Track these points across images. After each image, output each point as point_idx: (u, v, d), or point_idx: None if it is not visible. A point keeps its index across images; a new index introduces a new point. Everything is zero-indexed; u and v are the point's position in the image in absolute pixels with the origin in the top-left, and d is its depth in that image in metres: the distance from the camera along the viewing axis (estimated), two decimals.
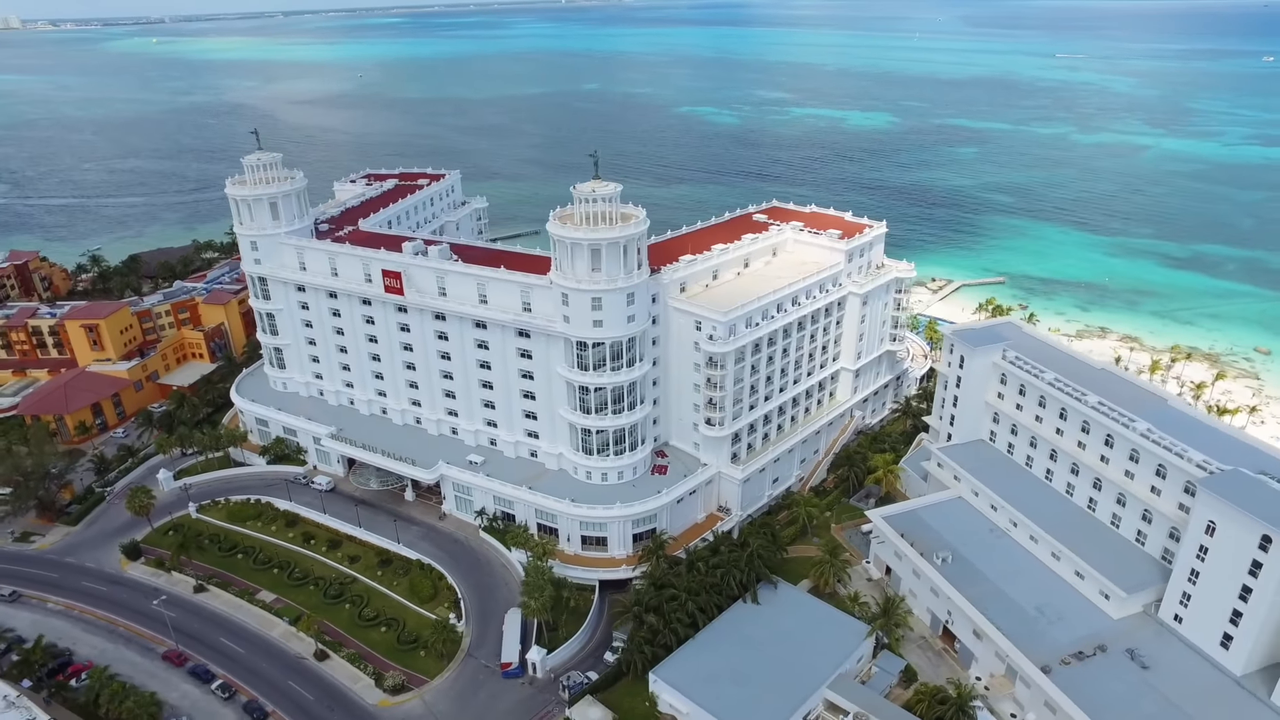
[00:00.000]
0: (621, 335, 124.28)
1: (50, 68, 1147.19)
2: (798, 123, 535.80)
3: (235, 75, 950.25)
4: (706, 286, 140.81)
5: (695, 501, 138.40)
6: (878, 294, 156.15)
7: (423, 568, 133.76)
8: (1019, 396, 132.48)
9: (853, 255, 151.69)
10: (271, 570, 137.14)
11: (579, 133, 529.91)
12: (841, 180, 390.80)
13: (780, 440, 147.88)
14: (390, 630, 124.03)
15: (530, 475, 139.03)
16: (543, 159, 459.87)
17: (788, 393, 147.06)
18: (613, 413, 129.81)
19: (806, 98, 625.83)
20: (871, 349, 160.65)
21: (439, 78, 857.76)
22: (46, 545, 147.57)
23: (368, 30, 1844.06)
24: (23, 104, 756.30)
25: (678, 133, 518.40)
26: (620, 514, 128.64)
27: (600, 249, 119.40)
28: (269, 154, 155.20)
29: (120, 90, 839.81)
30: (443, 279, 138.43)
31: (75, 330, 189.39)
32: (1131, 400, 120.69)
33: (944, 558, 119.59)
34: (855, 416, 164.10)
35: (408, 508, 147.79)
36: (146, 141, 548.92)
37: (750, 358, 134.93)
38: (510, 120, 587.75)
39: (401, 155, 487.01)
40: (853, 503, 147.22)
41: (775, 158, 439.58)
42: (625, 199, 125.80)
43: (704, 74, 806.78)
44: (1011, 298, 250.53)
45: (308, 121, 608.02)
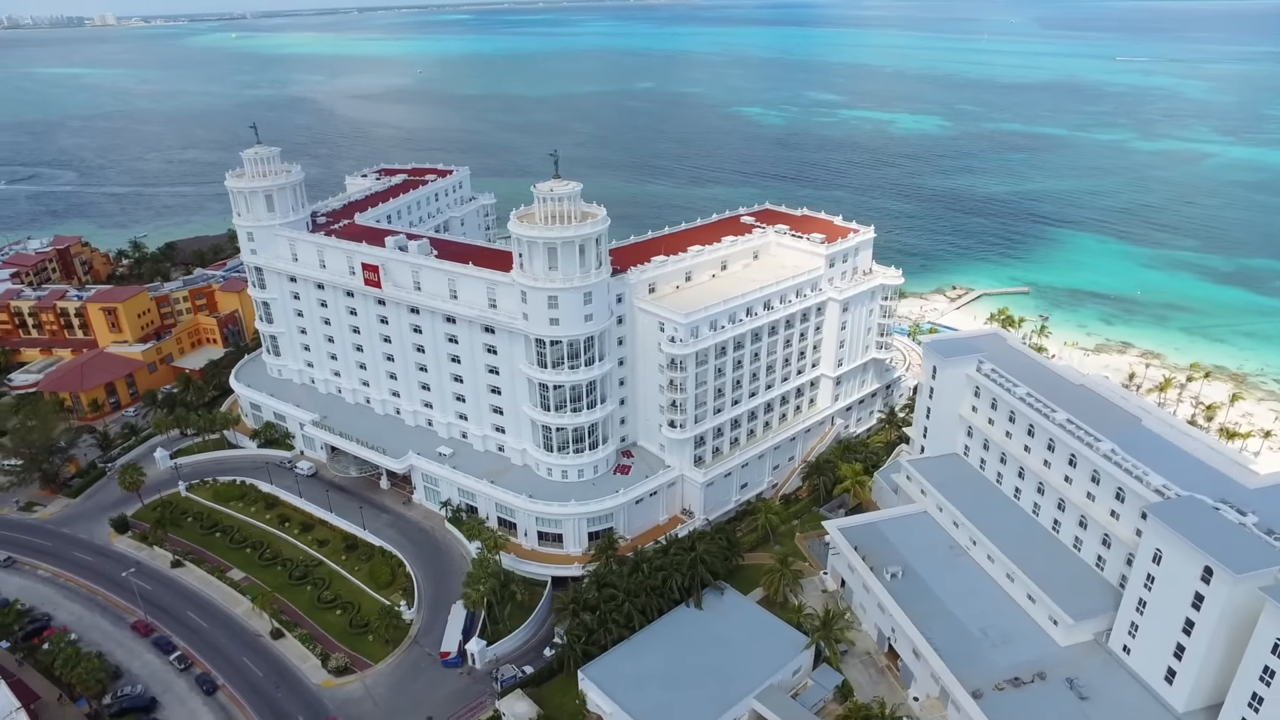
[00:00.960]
0: (578, 334, 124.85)
1: (134, 62, 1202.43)
2: (843, 125, 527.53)
3: (302, 69, 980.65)
4: (678, 288, 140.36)
5: (657, 503, 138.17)
6: (861, 300, 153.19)
7: (385, 554, 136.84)
8: (991, 410, 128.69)
9: (834, 260, 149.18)
10: (245, 550, 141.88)
11: (625, 131, 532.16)
12: (877, 185, 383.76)
13: (750, 445, 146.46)
14: (345, 614, 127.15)
15: (495, 469, 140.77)
16: (585, 157, 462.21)
17: (759, 398, 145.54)
18: (572, 411, 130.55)
19: (857, 100, 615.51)
20: (854, 356, 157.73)
21: (496, 74, 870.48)
22: (46, 515, 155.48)
23: (436, 26, 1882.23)
24: (104, 96, 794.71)
25: (721, 133, 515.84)
26: (574, 511, 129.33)
27: (555, 247, 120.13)
28: (266, 148, 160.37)
29: (193, 84, 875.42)
30: (417, 273, 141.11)
31: (95, 313, 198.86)
32: (1103, 419, 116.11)
33: (894, 573, 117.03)
34: (837, 424, 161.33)
35: (381, 495, 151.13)
36: (208, 133, 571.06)
37: (714, 360, 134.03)
38: (559, 118, 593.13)
39: (444, 150, 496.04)
40: (823, 512, 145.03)
41: (813, 160, 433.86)
42: (656, 199, 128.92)
43: (758, 74, 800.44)
44: (1034, 308, 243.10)
45: (361, 116, 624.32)
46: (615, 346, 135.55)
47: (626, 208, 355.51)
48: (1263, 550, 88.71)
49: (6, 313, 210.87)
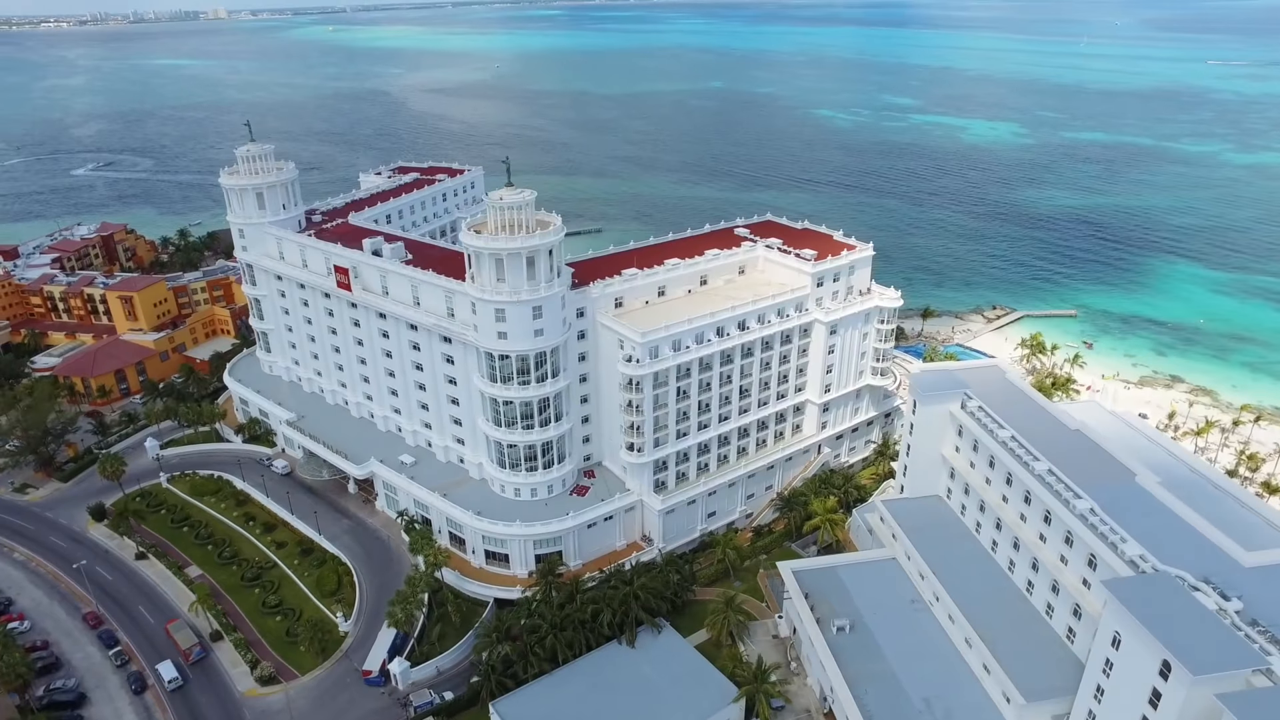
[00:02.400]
0: (528, 349, 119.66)
1: (231, 53, 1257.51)
2: (912, 131, 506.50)
3: (384, 63, 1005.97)
4: (647, 303, 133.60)
5: (613, 528, 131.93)
6: (852, 323, 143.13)
7: (336, 561, 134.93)
8: (972, 453, 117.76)
9: (823, 279, 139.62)
10: (207, 546, 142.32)
11: (683, 131, 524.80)
12: (934, 194, 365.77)
13: (721, 472, 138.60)
14: (285, 620, 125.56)
15: (452, 482, 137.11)
16: (636, 157, 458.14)
17: (731, 422, 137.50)
18: (523, 428, 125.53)
19: (932, 104, 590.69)
20: (845, 382, 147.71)
21: (571, 71, 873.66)
22: (36, 498, 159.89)
23: (525, 22, 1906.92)
24: (197, 86, 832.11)
25: (782, 136, 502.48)
26: (520, 533, 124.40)
27: (502, 259, 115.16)
28: (259, 146, 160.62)
29: (280, 75, 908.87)
30: (385, 278, 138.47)
31: (114, 301, 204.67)
32: (1092, 472, 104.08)
33: (842, 626, 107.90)
34: (824, 453, 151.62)
35: (347, 500, 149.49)
36: (282, 124, 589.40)
37: (677, 382, 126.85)
38: (621, 115, 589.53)
39: (501, 146, 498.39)
40: (794, 548, 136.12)
41: (872, 168, 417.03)
42: (698, 202, 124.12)
43: (834, 75, 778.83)
44: (1078, 333, 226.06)
45: (429, 109, 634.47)
46: (576, 362, 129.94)
47: (665, 211, 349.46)
48: (1234, 647, 76.57)
49: (40, 296, 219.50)
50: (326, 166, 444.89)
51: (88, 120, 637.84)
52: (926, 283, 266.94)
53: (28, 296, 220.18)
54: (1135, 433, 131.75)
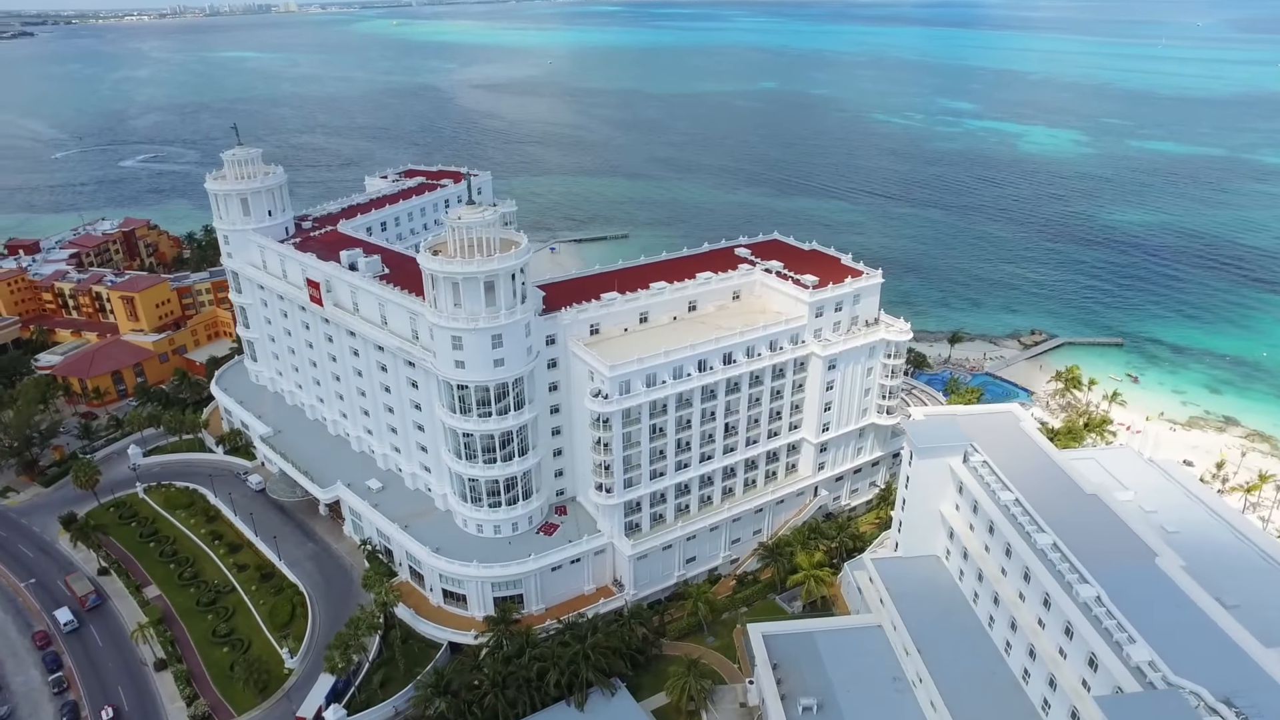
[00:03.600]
0: (487, 380, 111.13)
1: (293, 46, 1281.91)
2: (966, 137, 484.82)
3: (440, 57, 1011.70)
4: (626, 330, 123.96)
5: (581, 571, 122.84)
6: (854, 357, 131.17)
7: (293, 590, 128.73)
8: (972, 514, 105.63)
9: (823, 308, 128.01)
10: (170, 565, 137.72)
11: (728, 133, 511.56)
12: (978, 206, 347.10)
13: (702, 515, 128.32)
14: (232, 651, 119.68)
15: (417, 512, 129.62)
16: (675, 159, 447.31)
17: (715, 462, 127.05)
18: (485, 462, 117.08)
19: (990, 109, 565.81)
20: (846, 420, 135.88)
21: (622, 69, 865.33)
22: (15, 503, 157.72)
23: (585, 18, 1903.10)
24: (255, 79, 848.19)
25: (830, 140, 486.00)
26: (476, 574, 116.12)
27: (457, 283, 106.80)
28: (246, 150, 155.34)
29: (336, 68, 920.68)
30: (355, 294, 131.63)
31: (116, 300, 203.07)
32: (1106, 549, 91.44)
33: (809, 705, 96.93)
34: (821, 495, 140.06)
35: (316, 522, 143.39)
36: (330, 118, 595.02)
37: (651, 419, 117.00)
38: (665, 116, 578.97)
39: (541, 144, 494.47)
40: (779, 602, 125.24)
41: (919, 176, 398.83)
42: (732, 209, 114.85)
43: (891, 77, 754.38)
44: (1122, 364, 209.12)
45: (475, 106, 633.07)
46: (546, 392, 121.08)
47: (697, 217, 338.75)
48: None
49: (51, 293, 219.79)
50: (364, 162, 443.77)
51: (147, 112, 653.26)
52: (962, 302, 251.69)
53: (40, 293, 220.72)
54: (1173, 485, 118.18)
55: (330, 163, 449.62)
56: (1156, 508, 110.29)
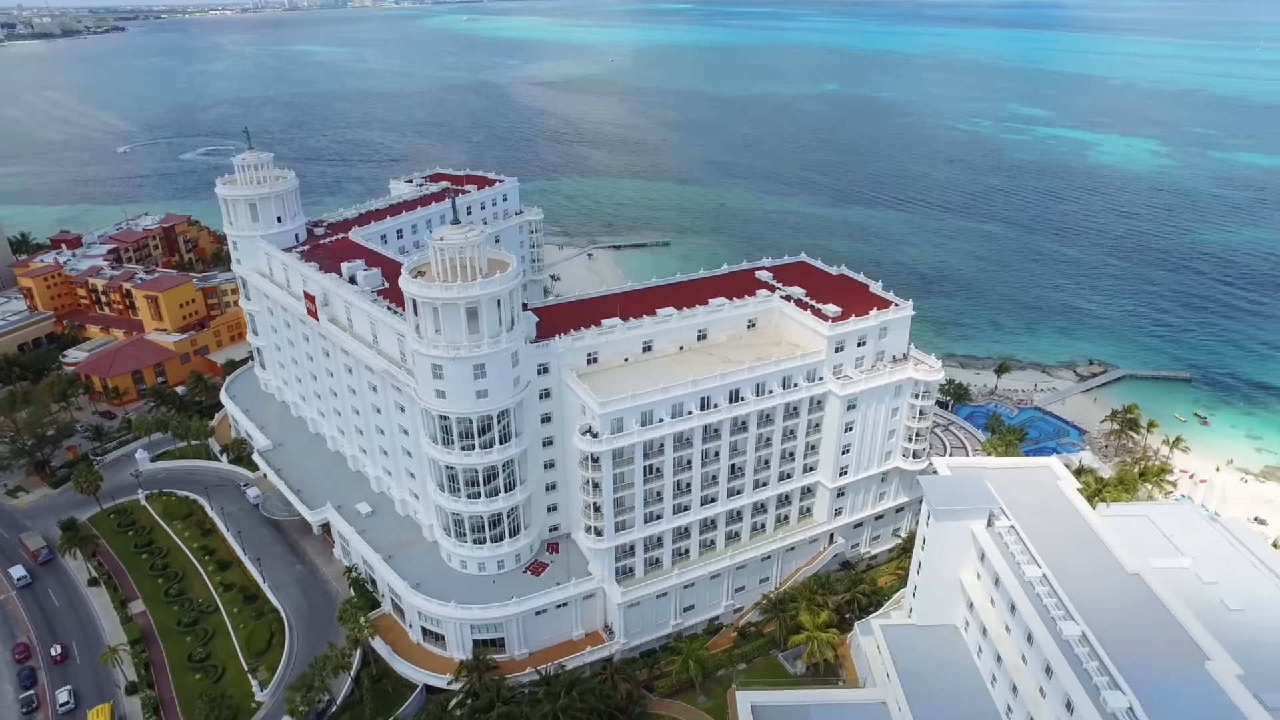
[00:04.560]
0: (469, 412, 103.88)
1: (364, 40, 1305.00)
2: (1035, 146, 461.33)
3: (504, 54, 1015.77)
4: (627, 361, 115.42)
5: (568, 616, 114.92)
6: (876, 397, 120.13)
7: (275, 615, 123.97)
8: (993, 588, 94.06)
9: (844, 343, 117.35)
10: (158, 579, 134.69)
11: (784, 138, 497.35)
12: (1039, 220, 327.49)
13: (703, 561, 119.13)
14: (205, 679, 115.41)
15: (401, 542, 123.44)
16: (728, 163, 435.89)
17: (718, 506, 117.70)
18: (468, 497, 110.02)
19: (1063, 116, 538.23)
20: (867, 464, 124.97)
21: (684, 68, 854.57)
22: (23, 503, 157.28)
23: (652, 16, 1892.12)
24: (320, 72, 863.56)
25: (890, 146, 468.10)
26: (454, 615, 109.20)
27: (436, 308, 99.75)
28: (257, 154, 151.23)
29: (401, 63, 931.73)
30: (349, 309, 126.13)
31: (141, 299, 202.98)
32: (1146, 646, 79.70)
33: None
34: (837, 543, 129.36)
35: (308, 542, 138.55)
36: (387, 113, 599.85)
37: (647, 460, 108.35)
38: (723, 118, 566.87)
39: (593, 144, 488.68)
40: (781, 660, 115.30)
41: (980, 186, 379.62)
42: (788, 216, 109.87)
43: (960, 81, 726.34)
44: (1189, 403, 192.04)
45: (532, 104, 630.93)
46: (538, 424, 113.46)
47: (743, 225, 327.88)
48: None
49: (85, 288, 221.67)
50: (413, 159, 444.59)
51: (214, 105, 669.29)
52: (1016, 325, 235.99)
53: (75, 288, 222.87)
54: (1240, 550, 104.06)
55: (380, 158, 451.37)
56: (1218, 578, 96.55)
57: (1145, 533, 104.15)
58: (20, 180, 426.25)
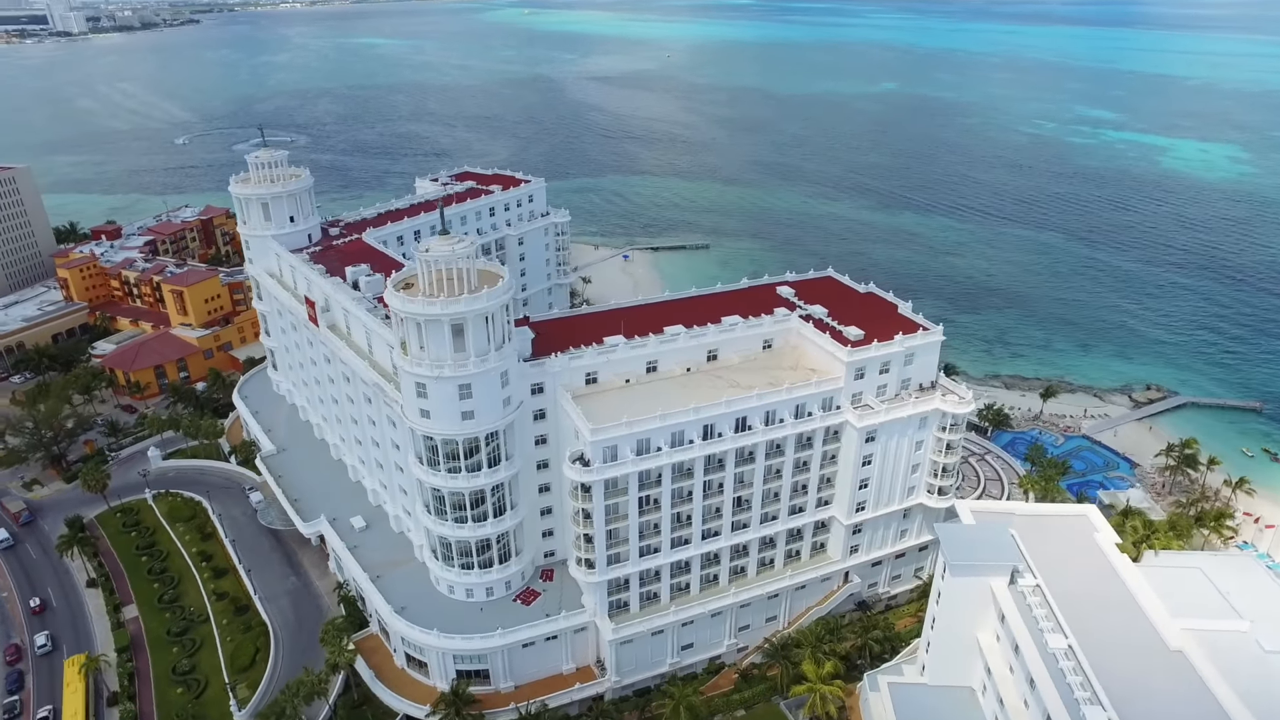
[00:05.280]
0: (454, 433, 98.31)
1: (424, 33, 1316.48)
2: (1101, 151, 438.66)
3: (561, 48, 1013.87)
4: (629, 382, 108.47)
5: (559, 649, 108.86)
6: (899, 429, 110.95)
7: (263, 629, 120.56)
8: (1013, 654, 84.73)
9: (865, 369, 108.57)
10: (155, 584, 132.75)
11: (838, 138, 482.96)
12: (1101, 232, 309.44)
13: (705, 597, 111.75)
14: (186, 694, 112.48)
15: (393, 560, 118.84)
16: (777, 164, 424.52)
17: (722, 540, 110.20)
18: (454, 521, 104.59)
19: (1134, 119, 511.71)
20: (886, 500, 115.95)
21: (741, 64, 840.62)
22: (38, 496, 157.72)
23: (714, 10, 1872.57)
24: (378, 65, 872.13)
25: (946, 148, 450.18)
26: (435, 644, 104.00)
27: (420, 324, 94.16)
28: (270, 152, 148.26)
29: (458, 56, 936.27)
30: (347, 316, 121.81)
31: (167, 293, 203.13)
32: None
33: None
34: (853, 581, 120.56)
35: (305, 552, 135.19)
36: (439, 106, 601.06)
37: (642, 491, 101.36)
38: (776, 116, 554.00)
39: (641, 141, 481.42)
40: (782, 708, 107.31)
41: (1042, 194, 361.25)
42: (833, 221, 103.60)
43: (1026, 81, 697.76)
44: (1258, 437, 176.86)
45: (584, 99, 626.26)
46: (532, 446, 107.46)
47: (787, 229, 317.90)
48: None
49: (119, 280, 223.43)
50: (458, 154, 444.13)
51: (273, 96, 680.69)
52: (1068, 344, 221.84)
53: (109, 279, 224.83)
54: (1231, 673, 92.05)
55: (426, 152, 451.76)
56: None
57: (1198, 588, 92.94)
58: (81, 169, 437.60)
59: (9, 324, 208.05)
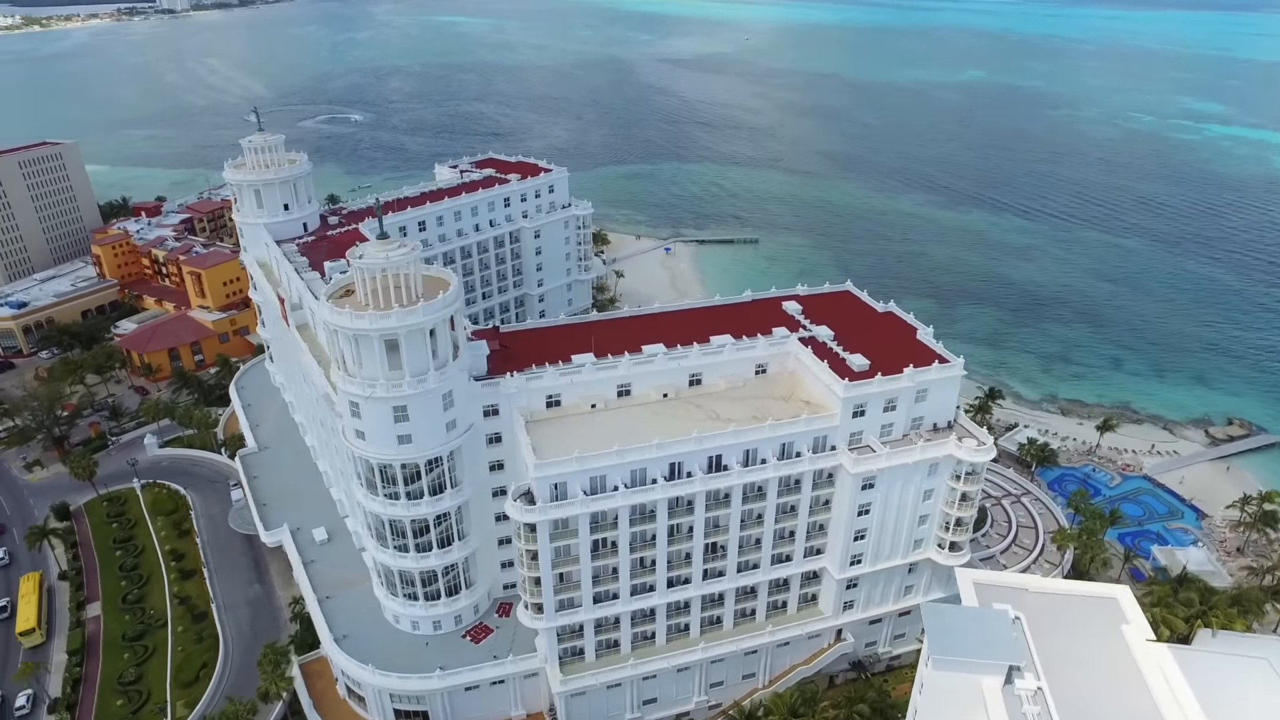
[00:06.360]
0: (390, 458, 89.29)
1: (506, 12, 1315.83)
2: (1203, 147, 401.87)
3: (641, 28, 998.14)
4: (595, 407, 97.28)
5: (507, 694, 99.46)
6: (903, 476, 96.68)
7: (214, 640, 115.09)
8: None
9: (865, 406, 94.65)
10: (123, 581, 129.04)
11: (912, 129, 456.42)
12: (1194, 239, 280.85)
13: (670, 650, 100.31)
14: (126, 705, 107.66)
15: (347, 580, 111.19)
16: (844, 154, 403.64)
17: (692, 589, 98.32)
18: (395, 549, 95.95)
19: (1244, 111, 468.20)
20: (888, 553, 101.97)
21: (821, 49, 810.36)
22: (35, 479, 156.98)
23: None
24: (456, 43, 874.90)
25: (1030, 143, 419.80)
26: (371, 680, 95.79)
27: (354, 339, 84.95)
28: (264, 137, 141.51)
29: (537, 36, 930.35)
30: (312, 315, 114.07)
31: (187, 275, 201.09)
32: None
33: None
34: (846, 640, 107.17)
35: (274, 558, 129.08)
36: (508, 86, 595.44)
37: (597, 534, 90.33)
38: (850, 104, 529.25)
39: (708, 126, 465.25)
40: None
41: (1124, 194, 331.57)
42: (897, 217, 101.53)
43: (1126, 69, 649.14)
44: None
45: (653, 81, 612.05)
46: (486, 473, 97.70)
47: (846, 223, 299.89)
48: None
49: (149, 259, 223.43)
50: (516, 135, 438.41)
51: (348, 73, 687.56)
52: (1142, 367, 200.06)
53: (140, 258, 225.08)
54: None
55: (484, 132, 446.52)
56: None
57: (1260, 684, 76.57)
58: (153, 143, 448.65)
59: (42, 299, 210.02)
